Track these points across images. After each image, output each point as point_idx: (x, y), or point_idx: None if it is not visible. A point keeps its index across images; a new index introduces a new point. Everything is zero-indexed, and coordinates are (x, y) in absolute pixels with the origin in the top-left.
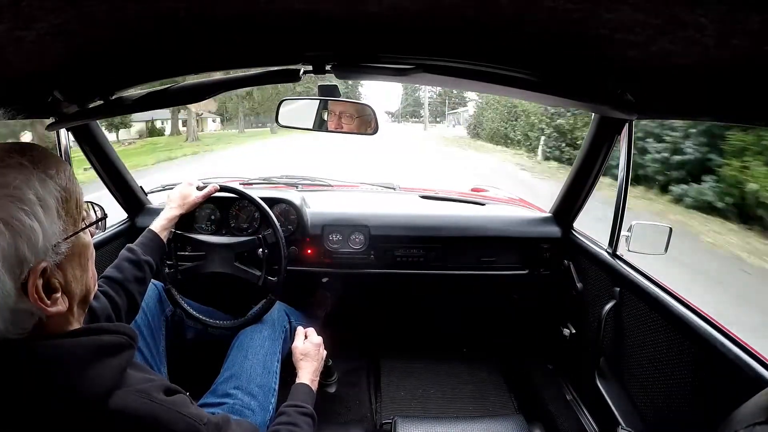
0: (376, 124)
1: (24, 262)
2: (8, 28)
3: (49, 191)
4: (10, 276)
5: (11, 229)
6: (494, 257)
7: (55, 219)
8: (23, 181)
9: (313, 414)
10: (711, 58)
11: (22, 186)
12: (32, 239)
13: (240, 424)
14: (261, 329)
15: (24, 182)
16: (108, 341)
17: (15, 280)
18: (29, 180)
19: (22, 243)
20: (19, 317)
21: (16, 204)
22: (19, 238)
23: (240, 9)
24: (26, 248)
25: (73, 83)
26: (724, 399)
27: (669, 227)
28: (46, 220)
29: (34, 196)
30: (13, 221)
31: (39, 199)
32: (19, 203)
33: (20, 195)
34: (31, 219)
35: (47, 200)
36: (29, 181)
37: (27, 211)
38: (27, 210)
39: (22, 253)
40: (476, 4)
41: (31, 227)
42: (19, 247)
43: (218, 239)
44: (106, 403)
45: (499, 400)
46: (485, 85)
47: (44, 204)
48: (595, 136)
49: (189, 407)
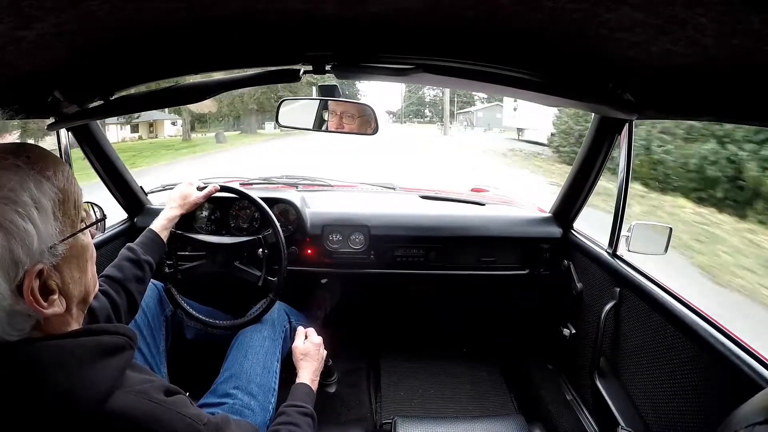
0: (376, 124)
1: (19, 265)
2: (8, 28)
3: (45, 193)
4: (4, 278)
5: (5, 231)
6: (494, 257)
7: (51, 221)
8: (18, 182)
9: (313, 414)
10: (711, 58)
11: (17, 188)
12: (27, 241)
13: (239, 424)
14: (261, 329)
15: (18, 184)
16: (108, 342)
17: (10, 282)
18: (24, 182)
19: (16, 245)
20: (16, 319)
21: (10, 206)
22: (13, 240)
23: (240, 9)
24: (21, 250)
25: (73, 83)
26: (724, 399)
27: (669, 227)
28: (42, 222)
29: (29, 198)
30: (7, 223)
31: (34, 201)
32: (13, 205)
33: (14, 197)
34: (26, 221)
35: (43, 202)
36: (24, 183)
37: (21, 213)
38: (21, 212)
39: (16, 255)
40: (476, 4)
41: (26, 229)
42: (13, 250)
43: (218, 239)
44: (105, 404)
45: (499, 400)
46: (485, 85)
47: (39, 206)
48: (595, 136)
49: (188, 408)
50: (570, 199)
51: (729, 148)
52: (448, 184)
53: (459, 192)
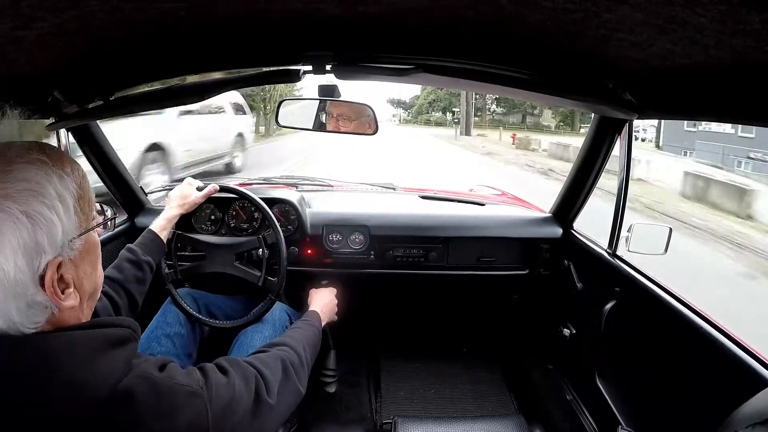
0: (376, 125)
1: (43, 255)
2: (8, 28)
3: (67, 187)
4: (29, 267)
5: (33, 221)
6: (494, 257)
7: (72, 215)
8: (44, 177)
9: (316, 326)
10: (711, 58)
11: (43, 181)
12: (52, 232)
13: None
14: (262, 329)
15: (45, 178)
16: (115, 334)
17: (34, 272)
18: (49, 176)
19: (42, 235)
20: (34, 310)
21: (38, 198)
22: (39, 230)
23: (240, 9)
24: (46, 241)
25: (73, 83)
26: (724, 399)
27: (669, 227)
28: (65, 215)
29: (54, 191)
30: (36, 214)
31: (58, 194)
32: (40, 197)
33: (41, 189)
34: (52, 213)
35: (65, 196)
36: (49, 177)
37: (48, 204)
38: (48, 204)
39: (42, 245)
40: (476, 4)
41: (52, 221)
42: (39, 240)
43: (218, 239)
44: (115, 392)
45: (499, 400)
46: (485, 85)
47: (62, 199)
48: (595, 136)
49: (182, 375)
50: (570, 199)
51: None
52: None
53: (459, 192)
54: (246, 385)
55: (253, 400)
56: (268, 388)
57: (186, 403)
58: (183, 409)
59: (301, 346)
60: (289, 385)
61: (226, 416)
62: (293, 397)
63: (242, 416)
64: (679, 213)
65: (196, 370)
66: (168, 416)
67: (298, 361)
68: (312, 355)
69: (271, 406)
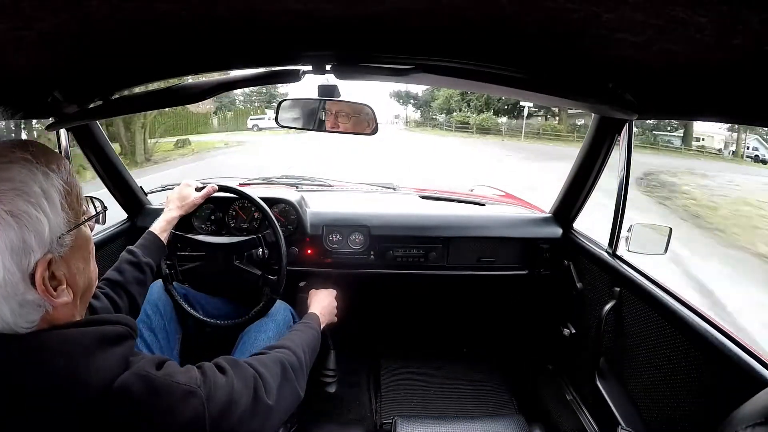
0: (376, 125)
1: (32, 254)
2: (8, 28)
3: (53, 184)
4: (18, 267)
5: (19, 221)
6: (494, 257)
7: (59, 211)
8: (27, 175)
9: (314, 327)
10: (711, 58)
11: (27, 180)
12: (39, 231)
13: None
14: (266, 329)
15: (28, 176)
16: (110, 331)
17: (23, 271)
18: (34, 174)
19: (29, 235)
20: (27, 309)
21: (23, 197)
22: (26, 229)
23: (240, 9)
24: (34, 240)
25: (73, 83)
26: (724, 399)
27: (669, 228)
28: (51, 212)
29: (39, 189)
30: (21, 213)
31: (43, 192)
32: (25, 196)
33: (26, 188)
34: (38, 211)
35: (51, 193)
36: (33, 175)
37: (33, 203)
38: (33, 202)
39: (29, 244)
40: (476, 5)
41: (38, 219)
42: (26, 239)
43: (218, 239)
44: (111, 390)
45: (499, 400)
46: (485, 86)
47: (48, 197)
48: (595, 136)
49: (180, 373)
50: (570, 199)
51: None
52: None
53: (459, 192)
54: (245, 386)
55: (251, 400)
56: (267, 390)
57: (183, 402)
58: (180, 407)
59: (300, 348)
60: (288, 386)
61: (224, 416)
62: (292, 399)
63: (240, 416)
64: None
65: (195, 369)
66: (165, 414)
67: (297, 363)
68: (311, 358)
69: (270, 407)
